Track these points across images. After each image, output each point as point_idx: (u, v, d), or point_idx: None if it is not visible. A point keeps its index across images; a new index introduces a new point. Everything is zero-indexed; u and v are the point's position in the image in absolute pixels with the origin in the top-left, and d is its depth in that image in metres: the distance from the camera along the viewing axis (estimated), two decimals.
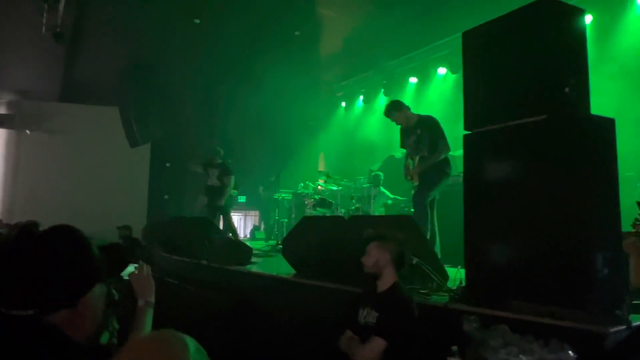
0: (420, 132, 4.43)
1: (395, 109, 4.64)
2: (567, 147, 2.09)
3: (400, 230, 2.50)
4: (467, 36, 2.65)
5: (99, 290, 1.09)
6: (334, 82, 11.80)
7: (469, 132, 2.57)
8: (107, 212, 8.70)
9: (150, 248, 6.37)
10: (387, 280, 2.25)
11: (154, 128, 8.67)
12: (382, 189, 7.44)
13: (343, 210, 7.46)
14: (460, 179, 5.19)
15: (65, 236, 1.09)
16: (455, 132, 4.54)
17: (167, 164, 9.90)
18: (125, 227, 6.69)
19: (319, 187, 8.05)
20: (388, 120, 4.84)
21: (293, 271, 3.86)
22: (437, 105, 8.69)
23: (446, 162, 4.37)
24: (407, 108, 4.65)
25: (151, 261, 6.14)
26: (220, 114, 10.43)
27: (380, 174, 7.70)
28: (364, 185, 8.02)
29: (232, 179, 7.04)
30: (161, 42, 8.24)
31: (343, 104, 11.77)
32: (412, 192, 4.59)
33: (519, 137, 2.27)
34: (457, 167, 6.83)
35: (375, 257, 2.26)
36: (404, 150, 4.89)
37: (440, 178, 4.33)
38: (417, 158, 4.44)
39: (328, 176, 7.78)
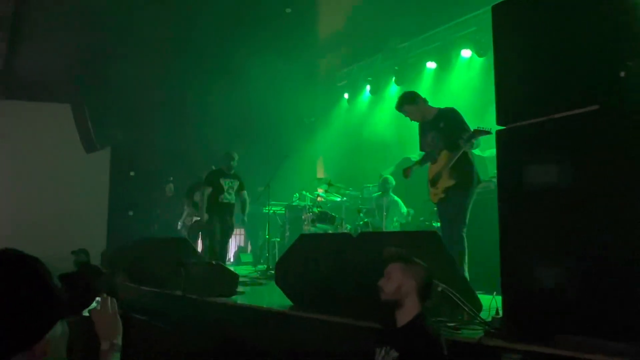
0: (444, 126, 4.42)
1: (407, 102, 4.64)
2: (625, 143, 2.10)
3: (423, 250, 2.49)
4: (498, 10, 2.66)
5: (60, 329, 1.08)
6: (335, 70, 11.88)
7: (503, 128, 2.57)
8: (58, 233, 8.68)
9: (113, 277, 6.33)
10: (409, 311, 2.24)
11: (114, 129, 8.70)
12: (394, 197, 7.44)
13: (349, 226, 7.46)
14: (493, 185, 5.26)
15: (17, 264, 1.07)
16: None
17: (131, 173, 9.92)
18: (81, 251, 6.68)
19: (319, 198, 8.07)
20: (401, 115, 4.85)
21: (289, 302, 3.84)
22: (461, 95, 8.75)
23: (471, 170, 4.33)
24: (424, 100, 4.66)
25: (114, 293, 6.12)
26: (195, 112, 10.47)
27: (390, 177, 7.69)
28: (374, 195, 8.03)
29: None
30: (121, 26, 8.29)
31: (346, 95, 11.82)
32: (433, 205, 4.60)
33: (565, 132, 2.27)
34: (488, 171, 6.88)
35: (398, 281, 2.25)
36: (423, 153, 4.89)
37: (470, 193, 4.30)
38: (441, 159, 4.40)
39: (329, 184, 7.80)
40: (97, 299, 1.59)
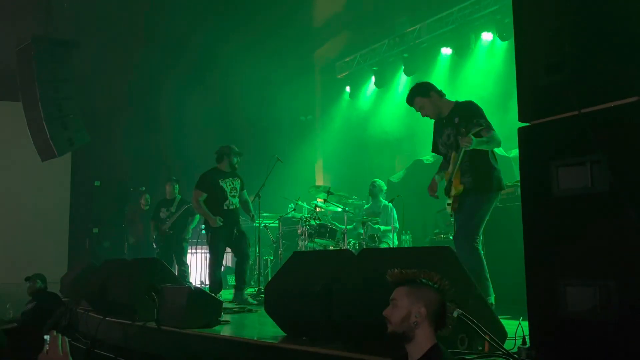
0: (459, 121, 4.41)
1: (419, 94, 4.66)
2: None
3: (435, 268, 2.49)
4: None
5: None
6: (335, 59, 11.92)
7: (526, 125, 2.57)
8: (10, 255, 8.66)
9: (74, 306, 6.32)
10: (421, 344, 2.22)
11: (76, 132, 8.69)
12: (384, 202, 7.53)
13: (352, 241, 7.46)
14: (516, 191, 5.27)
15: None
16: (507, 125, 4.58)
17: (96, 183, 9.92)
18: (37, 276, 6.67)
19: (317, 208, 8.08)
20: (412, 110, 4.87)
21: (281, 333, 3.84)
22: (481, 86, 8.79)
23: (489, 173, 4.33)
24: (439, 93, 4.66)
25: (74, 325, 6.13)
26: (173, 111, 10.51)
27: (378, 180, 7.79)
28: (364, 207, 8.05)
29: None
30: (83, 10, 8.33)
31: (347, 89, 11.88)
32: (449, 214, 4.59)
33: (599, 128, 2.27)
34: (514, 173, 6.88)
35: (405, 309, 2.23)
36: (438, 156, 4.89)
37: (485, 199, 4.32)
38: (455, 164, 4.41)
39: (329, 193, 7.81)
40: (47, 336, 1.58)
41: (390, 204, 7.56)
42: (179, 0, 8.37)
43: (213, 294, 5.12)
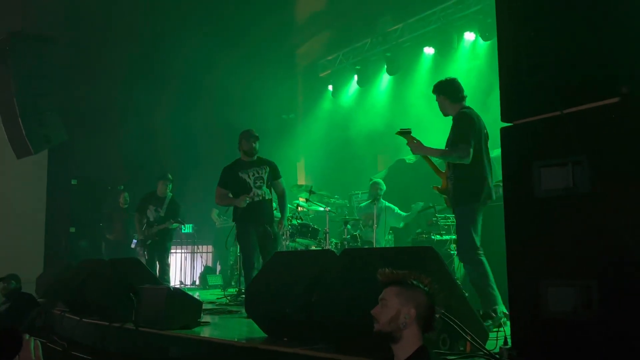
0: (451, 129, 4.53)
1: (436, 90, 4.68)
2: None
3: (418, 268, 2.49)
4: None
5: None
6: (317, 58, 11.91)
7: (509, 125, 2.59)
8: None
9: (49, 307, 6.23)
10: (408, 345, 2.22)
11: (52, 130, 8.56)
12: (385, 202, 7.48)
13: (335, 241, 7.46)
14: (498, 191, 5.30)
15: None
16: (487, 125, 4.62)
17: (73, 182, 9.78)
18: (11, 277, 6.55)
19: (299, 207, 8.06)
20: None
21: (263, 334, 3.82)
22: (463, 85, 8.81)
23: (475, 185, 4.34)
24: (450, 97, 4.59)
25: (50, 327, 6.04)
26: (153, 109, 10.41)
27: (380, 181, 7.72)
28: (362, 205, 8.05)
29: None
30: (64, 5, 8.22)
31: (330, 87, 11.87)
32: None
33: (581, 128, 2.29)
34: (496, 173, 6.93)
35: (395, 309, 2.23)
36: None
37: (472, 212, 4.32)
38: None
39: (311, 192, 7.80)
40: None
41: (391, 205, 7.48)
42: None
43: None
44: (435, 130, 5.41)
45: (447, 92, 4.59)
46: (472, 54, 9.18)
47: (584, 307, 2.25)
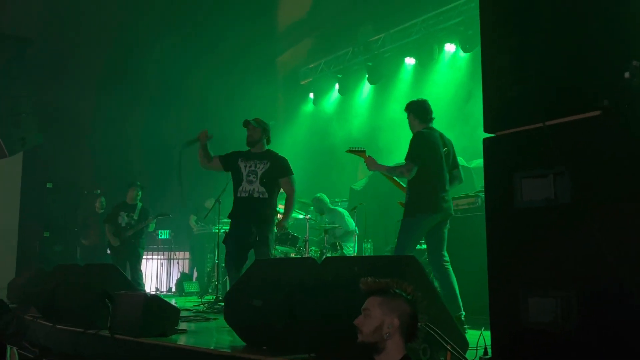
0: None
1: (407, 108, 5.09)
2: (631, 153, 2.15)
3: (400, 278, 2.48)
4: None
5: None
6: (298, 66, 11.92)
7: (491, 136, 2.60)
8: None
9: (22, 313, 6.10)
10: (392, 355, 2.22)
11: (28, 132, 8.42)
12: (332, 207, 7.64)
13: (314, 249, 7.44)
14: (480, 201, 5.36)
15: None
16: (467, 136, 4.70)
17: (49, 185, 9.60)
18: None
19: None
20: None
21: (241, 343, 3.79)
22: (444, 96, 8.93)
23: (416, 197, 4.77)
24: (418, 116, 5.00)
25: (22, 333, 5.90)
26: (132, 113, 10.30)
27: (322, 195, 7.93)
28: (337, 212, 8.09)
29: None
30: (43, 6, 8.11)
31: (311, 95, 11.88)
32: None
33: (563, 141, 2.31)
34: (475, 183, 7.00)
35: (378, 320, 2.22)
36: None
37: (412, 222, 4.76)
38: None
39: None
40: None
41: (339, 209, 7.66)
42: (142, 2, 8.22)
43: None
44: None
45: (417, 112, 5.01)
46: (452, 65, 9.28)
47: (563, 318, 2.27)
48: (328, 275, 3.29)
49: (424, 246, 6.35)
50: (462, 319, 4.46)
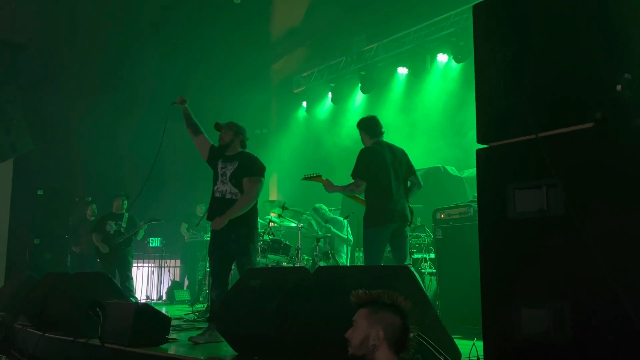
0: None
1: (358, 125, 5.46)
2: (623, 165, 2.16)
3: (393, 288, 2.48)
4: (480, 10, 2.72)
5: None
6: (291, 74, 11.94)
7: (484, 147, 2.62)
8: None
9: (11, 321, 6.03)
10: None
11: (19, 138, 8.36)
12: (332, 216, 7.65)
13: (306, 257, 7.42)
14: (472, 211, 5.37)
15: None
16: (459, 146, 4.74)
17: (39, 192, 9.53)
18: None
19: (271, 223, 8.01)
20: None
21: (233, 352, 3.77)
22: (436, 106, 8.98)
23: (373, 208, 5.01)
24: (368, 133, 5.32)
25: (11, 341, 5.83)
26: (125, 120, 10.26)
27: (320, 205, 7.97)
28: (336, 219, 8.08)
29: None
30: (34, 12, 8.08)
31: (304, 104, 11.90)
32: None
33: (555, 152, 2.32)
34: (467, 193, 7.02)
35: (364, 332, 2.22)
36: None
37: (370, 233, 4.99)
38: None
39: (284, 208, 7.76)
40: None
41: (339, 218, 7.67)
42: (131, 6, 8.22)
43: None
44: (407, 148, 5.49)
45: (366, 128, 5.34)
46: (445, 75, 9.33)
47: (556, 329, 2.27)
48: (321, 284, 3.28)
49: (417, 255, 6.38)
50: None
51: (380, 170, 5.02)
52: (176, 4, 8.45)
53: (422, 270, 6.06)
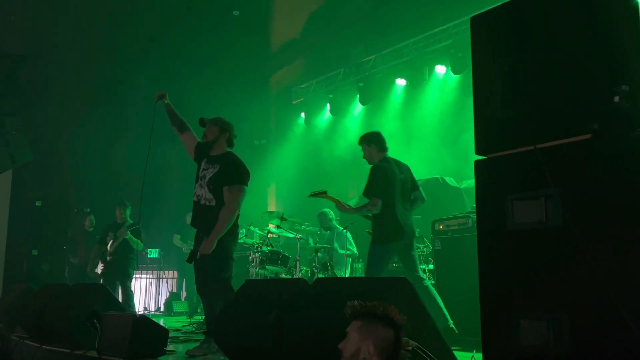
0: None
1: (364, 140, 5.44)
2: (622, 176, 2.16)
3: (390, 300, 2.47)
4: (478, 22, 2.74)
5: None
6: (290, 85, 11.98)
7: (482, 158, 2.62)
8: None
9: (7, 333, 5.99)
10: None
11: (18, 149, 8.36)
12: (340, 228, 7.59)
13: (305, 269, 7.39)
14: (471, 222, 5.36)
15: None
16: (457, 157, 4.75)
17: (37, 203, 9.51)
18: None
19: (269, 234, 7.99)
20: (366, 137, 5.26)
21: None
22: (434, 118, 9.00)
23: (385, 224, 5.10)
24: (378, 146, 5.34)
25: (7, 354, 5.79)
26: (123, 131, 10.27)
27: (326, 210, 7.90)
28: (326, 235, 8.07)
29: None
30: (32, 24, 8.11)
31: (303, 115, 11.92)
32: None
33: (553, 164, 2.32)
34: (465, 204, 7.01)
35: (356, 345, 2.21)
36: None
37: (378, 249, 5.11)
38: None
39: (282, 219, 7.75)
40: None
41: (340, 227, 7.64)
42: (130, 17, 8.25)
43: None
44: (406, 159, 5.50)
45: (377, 142, 5.37)
46: (443, 86, 9.37)
47: (555, 340, 2.26)
48: (319, 296, 3.26)
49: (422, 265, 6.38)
50: (452, 325, 4.69)
51: (392, 187, 5.11)
52: (175, 17, 8.48)
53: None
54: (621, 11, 2.35)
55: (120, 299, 7.46)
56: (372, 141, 5.37)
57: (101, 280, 7.80)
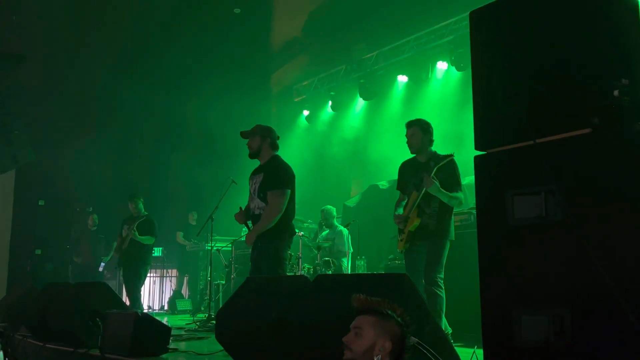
0: (435, 169, 4.76)
1: (419, 125, 5.00)
2: (622, 171, 2.15)
3: (391, 296, 2.46)
4: (477, 17, 2.72)
5: None
6: (292, 83, 11.97)
7: (482, 153, 2.61)
8: None
9: (11, 332, 6.02)
10: None
11: (20, 149, 8.39)
12: (340, 227, 7.59)
13: (307, 266, 7.40)
14: (472, 218, 5.36)
15: None
16: (463, 153, 4.73)
17: (41, 202, 9.55)
18: None
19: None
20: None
21: None
22: (436, 114, 8.96)
23: (452, 223, 4.86)
24: (430, 139, 5.00)
25: (11, 352, 5.81)
26: (126, 130, 10.30)
27: (330, 207, 7.87)
28: (322, 234, 8.06)
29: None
30: (33, 24, 8.13)
31: (305, 112, 11.91)
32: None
33: (553, 159, 2.31)
34: (467, 200, 7.00)
35: (371, 340, 2.20)
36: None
37: (447, 246, 4.83)
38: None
39: None
40: None
41: (344, 229, 7.63)
42: (132, 17, 8.26)
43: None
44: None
45: (431, 131, 5.02)
46: (444, 82, 9.35)
47: (556, 336, 2.25)
48: (320, 293, 3.26)
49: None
50: (449, 335, 4.60)
51: None
52: (175, 15, 8.48)
53: None
54: (621, 5, 2.34)
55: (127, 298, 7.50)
56: (427, 131, 5.02)
57: (120, 272, 7.78)
